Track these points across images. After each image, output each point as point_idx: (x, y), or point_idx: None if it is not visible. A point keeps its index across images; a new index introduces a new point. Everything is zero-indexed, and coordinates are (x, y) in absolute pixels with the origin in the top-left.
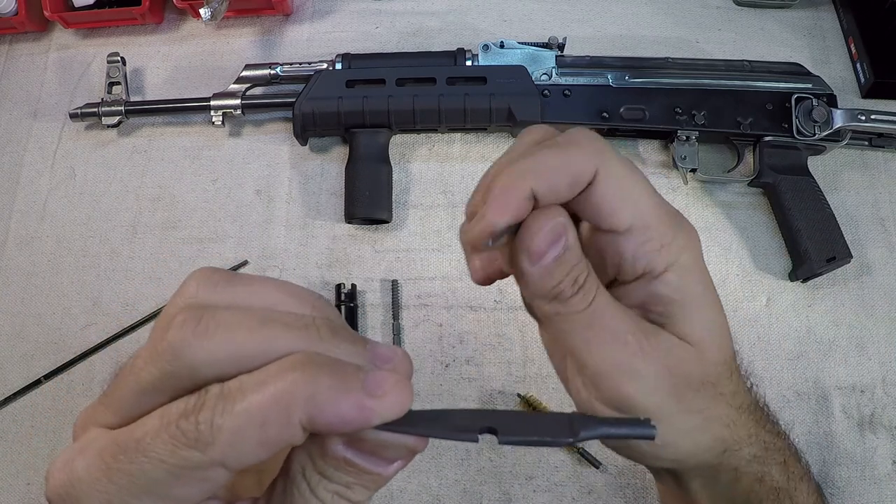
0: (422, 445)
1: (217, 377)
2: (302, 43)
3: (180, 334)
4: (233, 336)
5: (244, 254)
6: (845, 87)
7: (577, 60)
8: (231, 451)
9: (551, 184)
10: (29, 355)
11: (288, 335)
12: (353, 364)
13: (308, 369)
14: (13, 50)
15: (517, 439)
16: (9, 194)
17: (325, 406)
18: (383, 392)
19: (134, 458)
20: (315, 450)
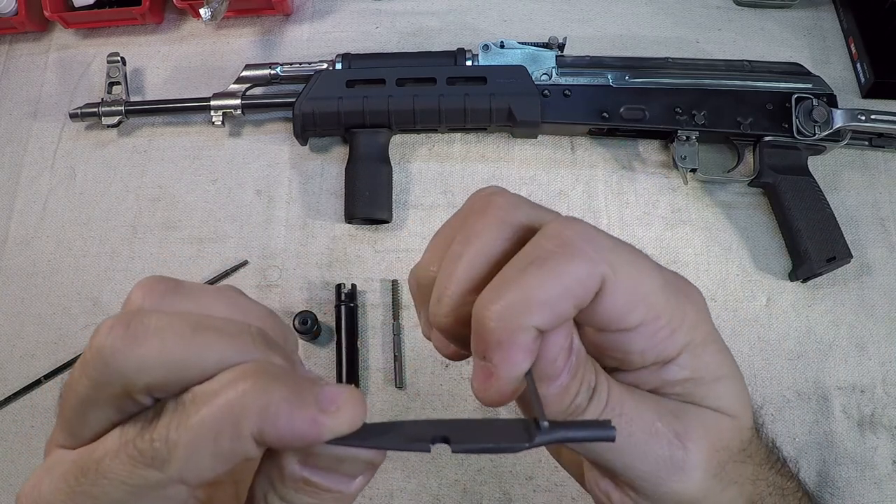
0: (379, 458)
1: (150, 384)
2: (302, 43)
3: (108, 341)
4: (162, 342)
5: (244, 254)
6: (845, 87)
7: (577, 60)
8: (187, 466)
9: (556, 315)
10: (29, 355)
11: (220, 342)
12: (307, 377)
13: (261, 380)
14: (13, 50)
15: (470, 447)
16: (9, 194)
17: (277, 419)
18: (336, 407)
19: (95, 480)
20: (274, 473)
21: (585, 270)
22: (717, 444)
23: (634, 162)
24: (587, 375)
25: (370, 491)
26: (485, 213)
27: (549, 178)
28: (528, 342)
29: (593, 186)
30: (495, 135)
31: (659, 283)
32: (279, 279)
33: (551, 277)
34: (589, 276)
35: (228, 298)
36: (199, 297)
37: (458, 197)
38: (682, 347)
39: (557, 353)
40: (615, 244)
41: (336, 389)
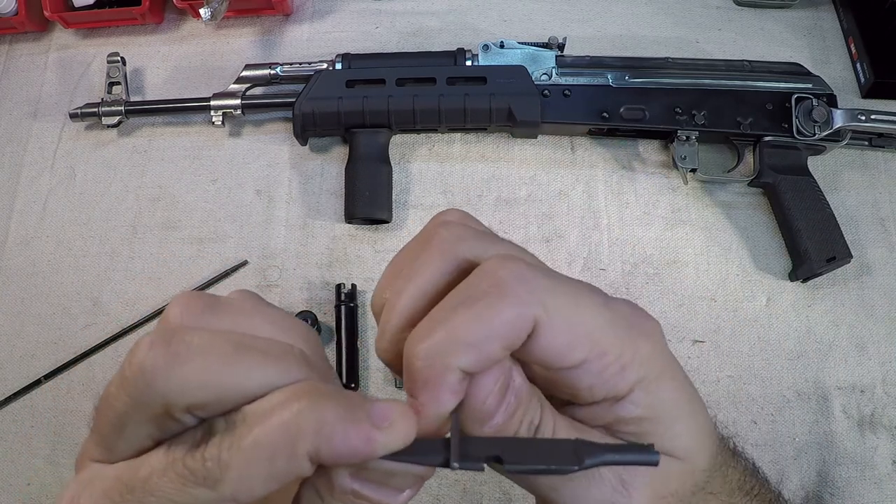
0: (429, 473)
1: (193, 405)
2: (302, 43)
3: (150, 359)
4: (205, 362)
5: (244, 254)
6: (845, 87)
7: (577, 60)
8: (240, 486)
9: (483, 357)
10: (29, 355)
11: (264, 363)
12: (357, 394)
13: (313, 399)
14: (13, 50)
15: (523, 468)
16: (9, 194)
17: (333, 437)
18: (389, 423)
19: (142, 498)
20: (322, 484)
21: (515, 312)
22: (663, 491)
23: (634, 162)
24: (528, 414)
25: None
26: (429, 245)
27: (549, 178)
28: (453, 383)
29: (593, 186)
30: (495, 135)
31: (605, 319)
32: (279, 279)
33: (479, 319)
34: (519, 318)
35: (267, 314)
36: (238, 315)
37: (458, 197)
38: (634, 383)
39: (487, 395)
40: (553, 283)
41: (387, 405)
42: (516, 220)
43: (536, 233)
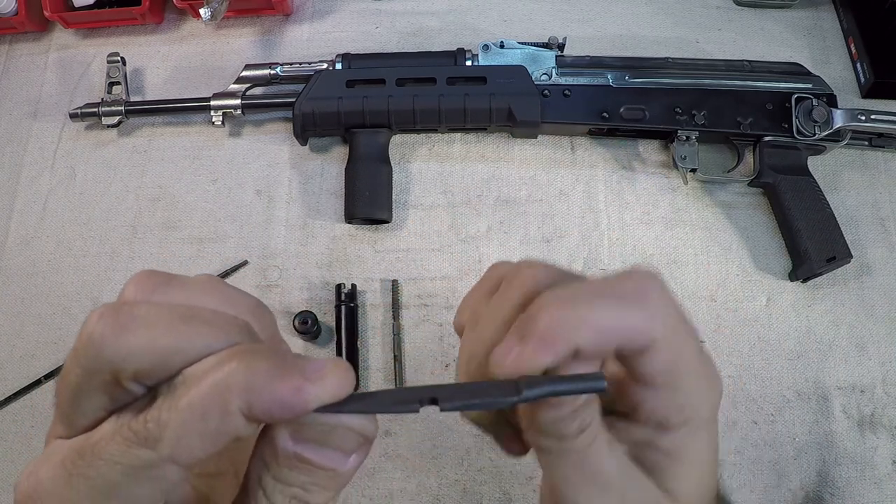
0: (370, 430)
1: (139, 371)
2: (302, 43)
3: (97, 328)
4: (150, 330)
5: (244, 254)
6: (845, 87)
7: (577, 60)
8: (178, 445)
9: (600, 344)
10: (29, 355)
11: (208, 332)
12: (296, 354)
13: (245, 357)
14: (13, 50)
15: (458, 404)
16: (9, 194)
17: (263, 391)
18: (322, 375)
19: (91, 462)
20: (267, 452)
21: (644, 321)
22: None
23: (634, 162)
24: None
25: (370, 491)
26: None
27: (549, 178)
28: (560, 349)
29: (593, 186)
30: (495, 135)
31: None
32: (279, 279)
33: (615, 313)
34: (644, 328)
35: (218, 291)
36: (190, 290)
37: (458, 197)
38: (683, 423)
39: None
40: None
41: (321, 361)
42: (516, 220)
43: (536, 233)
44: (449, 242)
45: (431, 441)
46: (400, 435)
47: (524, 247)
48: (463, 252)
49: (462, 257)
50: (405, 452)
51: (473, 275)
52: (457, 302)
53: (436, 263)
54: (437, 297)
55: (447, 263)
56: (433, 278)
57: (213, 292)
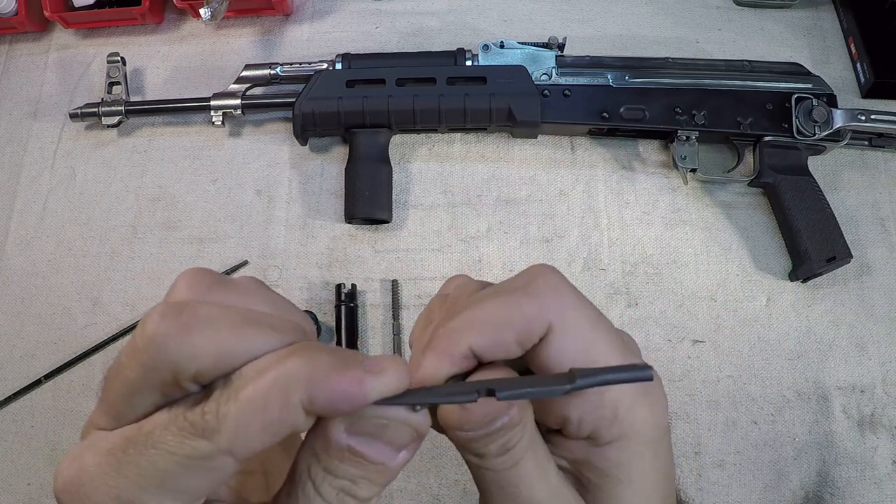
0: (424, 424)
1: (200, 372)
2: (302, 43)
3: (162, 328)
4: (216, 332)
5: (244, 254)
6: (845, 87)
7: (577, 60)
8: (236, 437)
9: (495, 341)
10: (29, 355)
11: (271, 336)
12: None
13: (306, 352)
14: (13, 50)
15: (516, 393)
16: (9, 194)
17: (325, 384)
18: (381, 369)
19: (143, 451)
20: (319, 444)
21: (534, 308)
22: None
23: (634, 162)
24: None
25: None
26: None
27: (549, 178)
28: (456, 355)
29: (593, 186)
30: (495, 135)
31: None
32: (279, 279)
33: (501, 306)
34: (536, 315)
35: (269, 297)
36: (243, 294)
37: (458, 197)
38: (615, 438)
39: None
40: (581, 303)
41: (380, 356)
42: (516, 220)
43: (536, 233)
44: (449, 242)
45: (431, 441)
46: None
47: (524, 247)
48: (463, 252)
49: (462, 257)
50: None
51: (473, 275)
52: None
53: (436, 263)
54: None
55: (447, 263)
56: (433, 278)
57: (266, 297)
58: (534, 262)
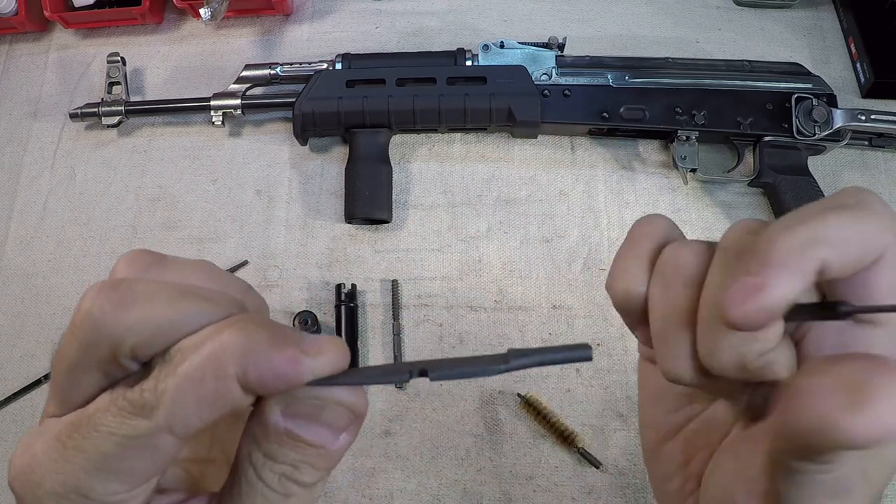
0: (361, 405)
1: (137, 345)
2: (302, 43)
3: (97, 304)
4: (150, 306)
5: (244, 254)
6: (845, 87)
7: (577, 60)
8: (174, 413)
9: (843, 258)
10: (29, 355)
11: (207, 308)
12: (293, 329)
13: (242, 326)
14: (13, 50)
15: (448, 373)
16: (9, 194)
17: (260, 359)
18: (318, 350)
19: (86, 434)
20: (258, 430)
21: (878, 228)
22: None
23: (634, 162)
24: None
25: (370, 491)
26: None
27: (549, 178)
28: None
29: (593, 186)
30: (495, 135)
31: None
32: (279, 279)
33: (849, 221)
34: (879, 236)
35: (209, 272)
36: (182, 270)
37: (458, 197)
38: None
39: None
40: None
41: (318, 336)
42: (516, 220)
43: (536, 233)
44: (449, 242)
45: (431, 441)
46: (400, 435)
47: (524, 247)
48: (463, 252)
49: (462, 257)
50: (405, 452)
51: (473, 275)
52: (457, 301)
53: (436, 263)
54: (436, 297)
55: (447, 263)
56: (433, 278)
57: (206, 273)
58: (534, 262)
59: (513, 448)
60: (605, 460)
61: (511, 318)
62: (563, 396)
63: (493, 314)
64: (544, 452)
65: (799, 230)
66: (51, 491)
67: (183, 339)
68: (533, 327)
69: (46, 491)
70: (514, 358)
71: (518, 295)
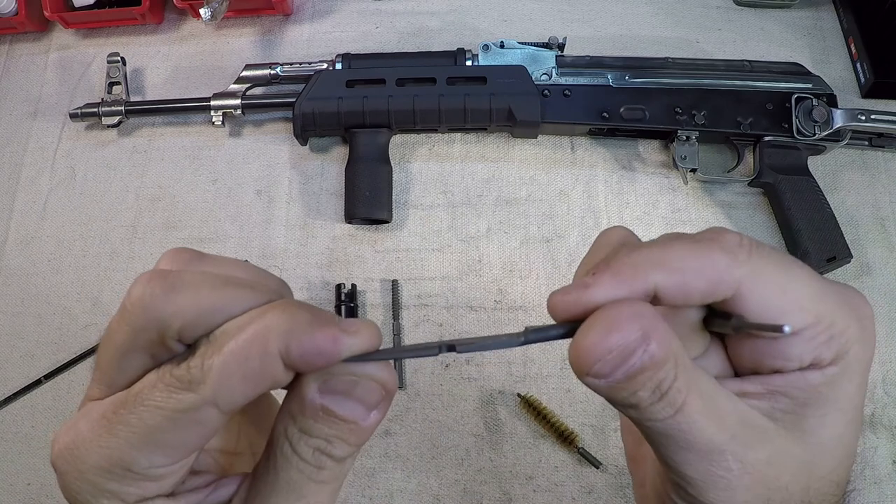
0: (392, 382)
1: (183, 329)
2: (302, 43)
3: (148, 290)
4: (198, 291)
5: (244, 254)
6: (845, 87)
7: (577, 60)
8: (220, 388)
9: (683, 285)
10: (29, 355)
11: (248, 294)
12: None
13: (286, 309)
14: (13, 50)
15: (472, 347)
16: (9, 194)
17: (302, 337)
18: (356, 330)
19: (133, 409)
20: (294, 406)
21: (725, 261)
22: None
23: (634, 162)
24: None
25: (370, 491)
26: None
27: (549, 178)
28: (638, 286)
29: (593, 186)
30: (495, 135)
31: (817, 288)
32: None
33: (691, 251)
34: (727, 269)
35: (247, 267)
36: (222, 265)
37: (458, 197)
38: (836, 357)
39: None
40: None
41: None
42: (516, 220)
43: (536, 233)
44: (449, 242)
45: (431, 441)
46: (400, 435)
47: (524, 247)
48: (463, 252)
49: (462, 257)
50: (405, 452)
51: (473, 275)
52: (457, 301)
53: (436, 263)
54: (436, 297)
55: (447, 263)
56: (433, 278)
57: (244, 267)
58: (534, 262)
59: (513, 448)
60: (605, 460)
61: (511, 318)
62: (563, 396)
63: (493, 314)
64: (544, 452)
65: (643, 250)
66: (95, 465)
67: (227, 321)
68: None
69: (90, 465)
70: (532, 333)
71: (518, 295)
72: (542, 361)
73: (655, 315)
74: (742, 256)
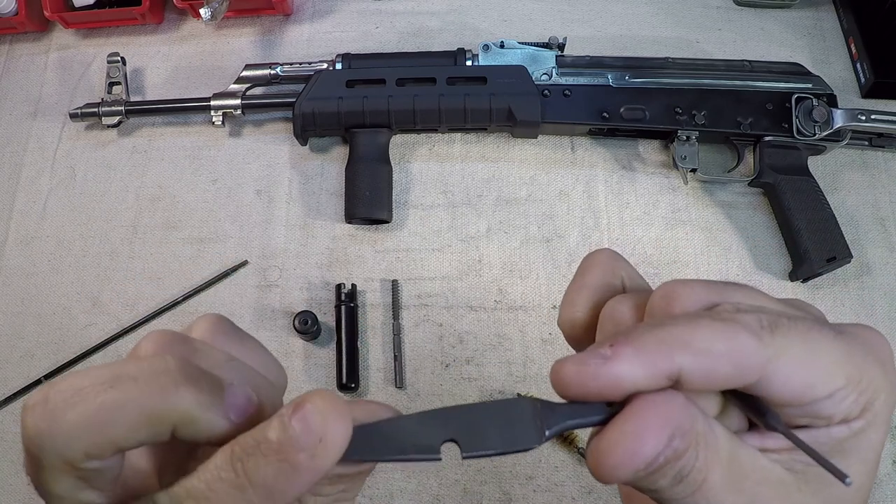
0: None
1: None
2: (302, 43)
3: (31, 422)
4: (78, 410)
5: (244, 254)
6: (845, 87)
7: (577, 60)
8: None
9: (709, 370)
10: (29, 355)
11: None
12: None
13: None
14: (13, 50)
15: (480, 453)
16: (9, 194)
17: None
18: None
19: None
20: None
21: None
22: None
23: (634, 162)
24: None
25: (370, 491)
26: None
27: (549, 178)
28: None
29: (593, 186)
30: (495, 135)
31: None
32: (279, 279)
33: (717, 334)
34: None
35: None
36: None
37: (458, 197)
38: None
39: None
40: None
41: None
42: (516, 220)
43: (536, 233)
44: (449, 242)
45: None
46: None
47: (524, 247)
48: (463, 252)
49: (462, 257)
50: None
51: (473, 275)
52: (457, 301)
53: (436, 263)
54: (436, 297)
55: (447, 263)
56: (433, 278)
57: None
58: (534, 262)
59: None
60: None
61: (511, 318)
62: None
63: (493, 314)
64: (544, 452)
65: (668, 328)
66: None
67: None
68: (533, 327)
69: None
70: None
71: (518, 295)
72: (543, 361)
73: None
74: (766, 339)
